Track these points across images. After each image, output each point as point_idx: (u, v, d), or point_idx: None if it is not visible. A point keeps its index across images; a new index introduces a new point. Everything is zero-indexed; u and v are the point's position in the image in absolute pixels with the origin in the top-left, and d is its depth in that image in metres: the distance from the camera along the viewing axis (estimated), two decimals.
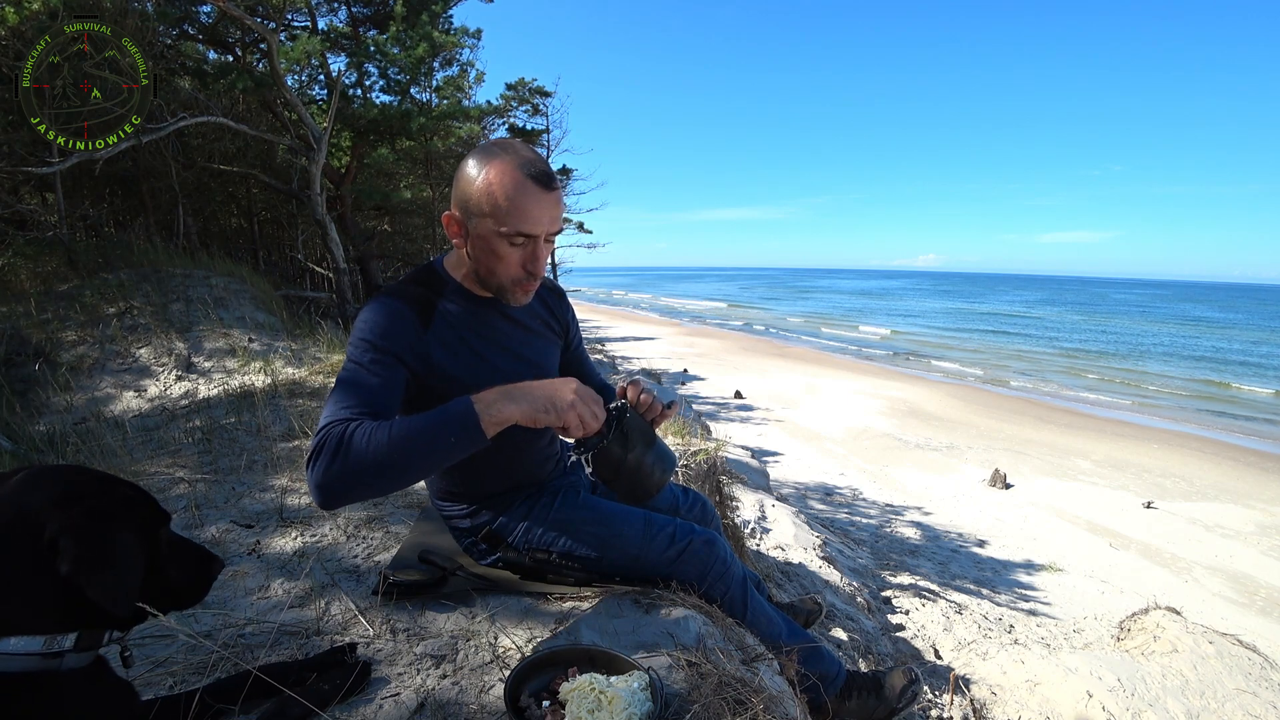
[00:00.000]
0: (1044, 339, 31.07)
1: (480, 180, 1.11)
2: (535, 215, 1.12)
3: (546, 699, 0.99)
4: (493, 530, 1.38)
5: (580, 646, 1.11)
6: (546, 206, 1.13)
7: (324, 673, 1.08)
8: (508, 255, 1.15)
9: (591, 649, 1.09)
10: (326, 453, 0.95)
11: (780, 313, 44.85)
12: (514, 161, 1.11)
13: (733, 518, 3.29)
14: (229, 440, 2.59)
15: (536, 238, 1.15)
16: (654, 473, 1.19)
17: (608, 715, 0.92)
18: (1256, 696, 2.48)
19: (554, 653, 1.09)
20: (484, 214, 1.12)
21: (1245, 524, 7.42)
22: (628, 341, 22.89)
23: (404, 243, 12.98)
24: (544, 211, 1.13)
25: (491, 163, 1.11)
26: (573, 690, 0.97)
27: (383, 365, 1.10)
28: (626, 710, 0.92)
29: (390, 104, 8.28)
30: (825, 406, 12.86)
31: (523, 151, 1.13)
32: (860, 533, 6.07)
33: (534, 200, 1.11)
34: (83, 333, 3.98)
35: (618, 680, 0.99)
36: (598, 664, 1.06)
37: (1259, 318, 51.19)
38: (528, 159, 1.12)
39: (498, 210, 1.11)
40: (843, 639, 2.73)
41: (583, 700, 0.95)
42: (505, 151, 1.12)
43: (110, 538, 0.77)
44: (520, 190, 1.10)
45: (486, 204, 1.11)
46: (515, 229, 1.11)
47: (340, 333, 5.43)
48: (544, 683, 1.03)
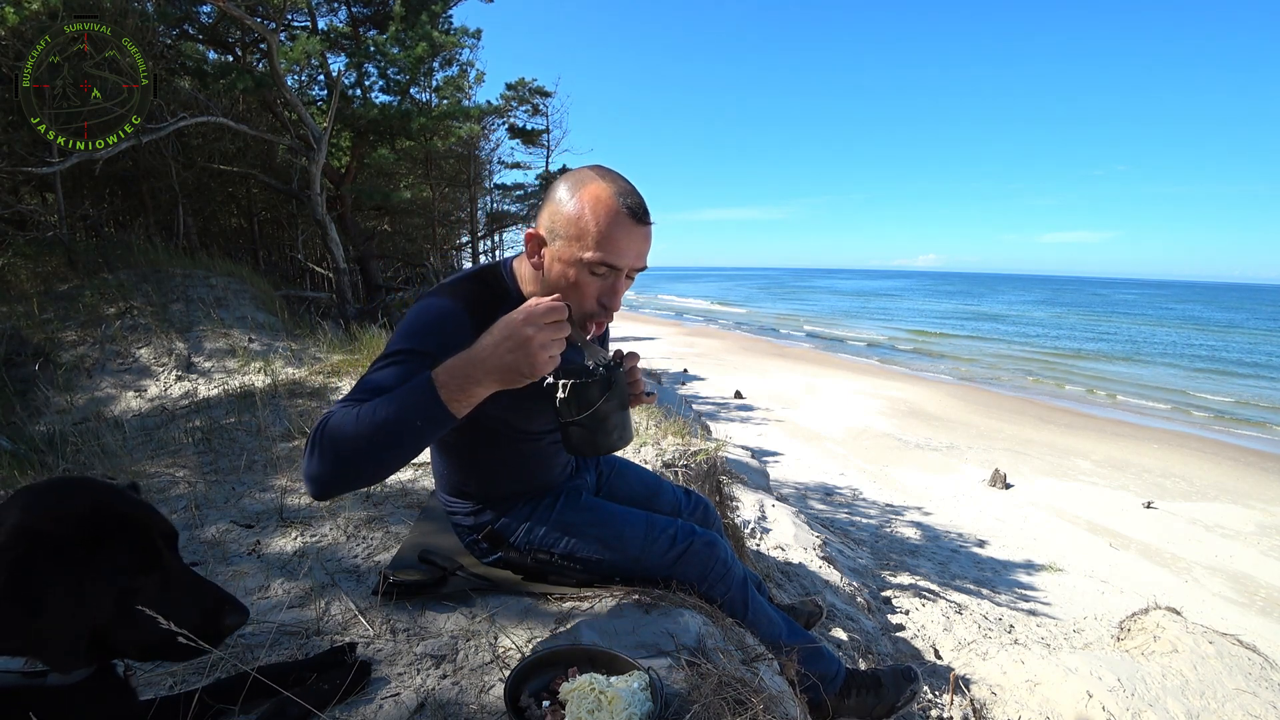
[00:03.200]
0: (1044, 339, 31.07)
1: (573, 204, 1.07)
2: (624, 248, 1.08)
3: (546, 699, 0.99)
4: (495, 530, 1.38)
5: (580, 647, 1.11)
6: (636, 241, 1.09)
7: (324, 673, 1.07)
8: (586, 285, 1.10)
9: (592, 649, 1.09)
10: (312, 444, 0.92)
11: (780, 312, 44.86)
12: (611, 190, 1.07)
13: (733, 518, 3.29)
14: (229, 440, 2.59)
15: (620, 271, 1.10)
16: (612, 432, 1.17)
17: (608, 715, 0.92)
18: (1256, 696, 2.48)
19: (554, 652, 1.08)
20: (571, 238, 1.08)
21: (1245, 524, 7.42)
22: (628, 341, 22.89)
23: (404, 242, 12.99)
24: (633, 246, 1.09)
25: (587, 187, 1.07)
26: (573, 690, 0.97)
27: (408, 366, 1.03)
28: (626, 710, 0.92)
29: (390, 104, 8.28)
30: (825, 406, 12.86)
31: (620, 182, 1.10)
32: (860, 533, 6.07)
33: (625, 232, 1.07)
34: (83, 333, 3.98)
35: (618, 680, 0.99)
36: (598, 664, 1.06)
37: (1259, 319, 51.19)
38: (625, 189, 1.09)
39: (586, 236, 1.06)
40: (843, 639, 2.72)
41: (582, 700, 0.94)
42: (603, 179, 1.09)
43: (40, 584, 0.68)
44: (614, 221, 1.06)
45: (575, 229, 1.07)
46: (601, 259, 1.07)
47: (340, 333, 5.42)
48: (544, 683, 1.03)
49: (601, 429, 1.16)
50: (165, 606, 0.77)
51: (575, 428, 1.16)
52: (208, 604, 0.81)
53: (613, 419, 1.17)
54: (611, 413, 1.16)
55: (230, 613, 0.82)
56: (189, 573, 0.83)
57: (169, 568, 0.80)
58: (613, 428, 1.18)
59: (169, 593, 0.79)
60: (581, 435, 1.17)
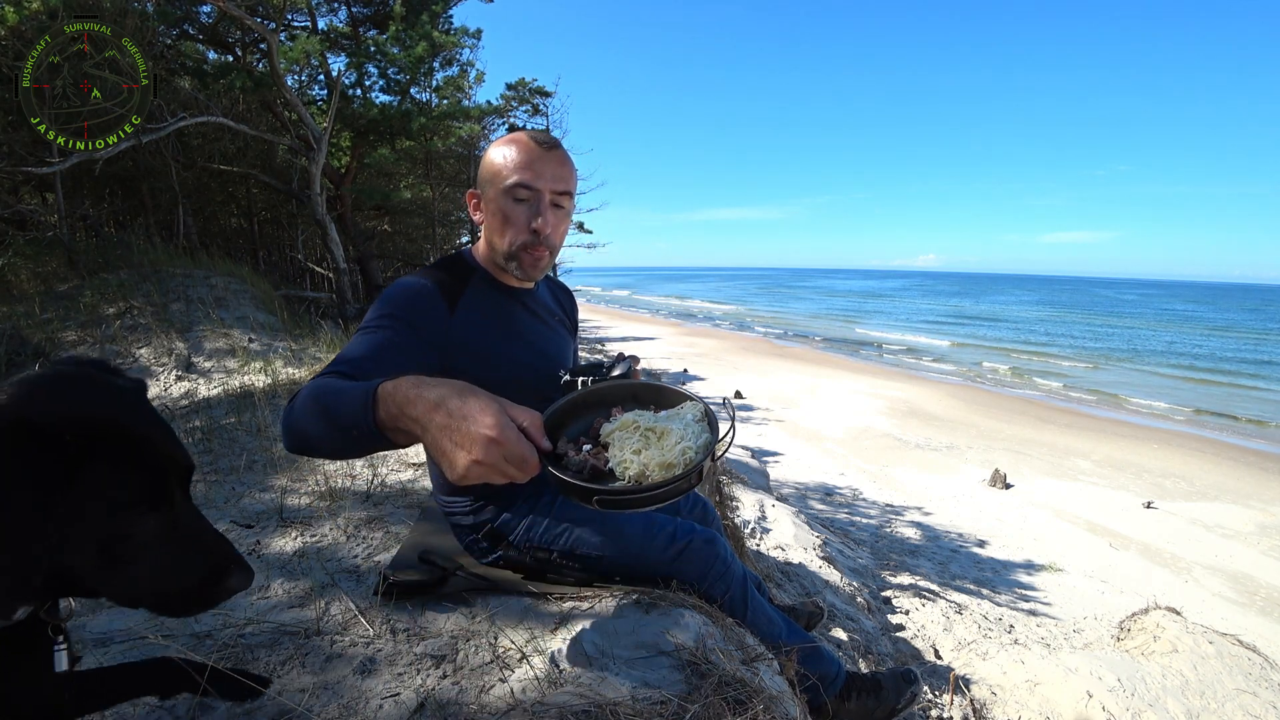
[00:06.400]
0: (1043, 339, 31.06)
1: (490, 153, 1.24)
2: (538, 169, 1.19)
3: (587, 443, 0.87)
4: (494, 528, 1.38)
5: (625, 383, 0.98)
6: (550, 164, 1.21)
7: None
8: (513, 213, 1.21)
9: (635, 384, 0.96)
10: (289, 405, 0.91)
11: (780, 312, 44.85)
12: (520, 132, 1.24)
13: (733, 518, 3.29)
14: (229, 440, 2.59)
15: (539, 192, 1.20)
16: None
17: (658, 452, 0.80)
18: (1256, 696, 2.48)
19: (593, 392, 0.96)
20: (492, 180, 1.22)
21: (1245, 524, 7.41)
22: (628, 341, 22.88)
23: (404, 243, 12.98)
24: (547, 168, 1.20)
25: (502, 139, 1.25)
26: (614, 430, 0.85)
27: (390, 329, 1.09)
28: (680, 444, 0.80)
29: (390, 104, 8.28)
30: (825, 406, 12.85)
31: (534, 129, 1.27)
32: (860, 533, 6.07)
33: (536, 156, 1.20)
34: (83, 333, 3.98)
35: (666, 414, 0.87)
36: (642, 400, 0.94)
37: (1260, 319, 51.15)
38: (534, 131, 1.24)
39: (503, 170, 1.20)
40: (843, 639, 2.72)
41: (627, 440, 0.82)
42: (518, 130, 1.27)
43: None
44: (522, 149, 1.20)
45: (493, 170, 1.21)
46: (518, 180, 1.18)
47: (340, 333, 5.42)
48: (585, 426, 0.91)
49: None
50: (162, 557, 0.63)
51: None
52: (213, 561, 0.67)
53: None
54: None
55: (237, 573, 0.68)
56: (198, 519, 0.68)
57: (177, 511, 0.65)
58: None
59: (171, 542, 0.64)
60: None
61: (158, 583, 0.64)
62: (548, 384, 1.29)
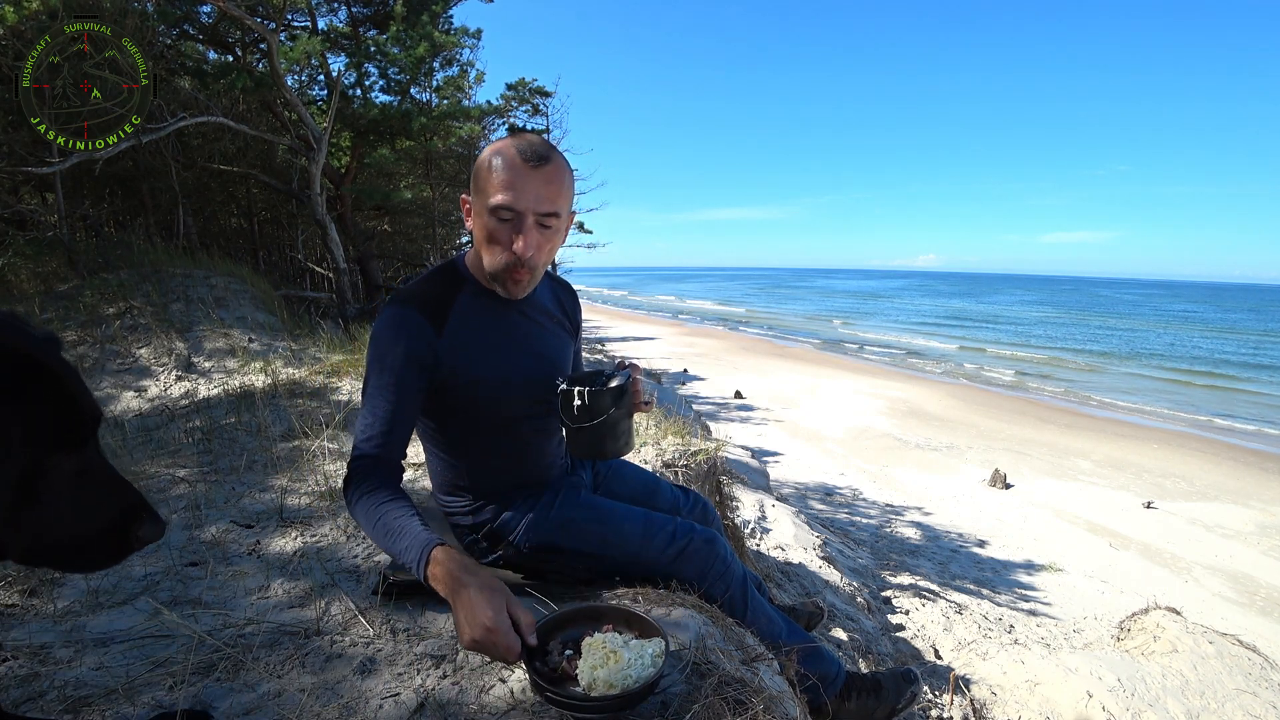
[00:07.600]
0: (1043, 339, 31.05)
1: (481, 159, 1.16)
2: (520, 189, 1.11)
3: (570, 649, 1.04)
4: (494, 528, 1.38)
5: (620, 607, 1.15)
6: (534, 184, 1.12)
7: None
8: (497, 233, 1.15)
9: (629, 610, 1.12)
10: (348, 492, 1.13)
11: (780, 312, 44.86)
12: (510, 140, 1.15)
13: (733, 518, 3.29)
14: (229, 440, 2.59)
15: (521, 214, 1.13)
16: (619, 438, 1.26)
17: (609, 672, 0.97)
18: (1256, 696, 2.48)
19: (594, 608, 1.14)
20: (480, 190, 1.15)
21: (1245, 524, 7.41)
22: (628, 341, 22.88)
23: (404, 243, 12.97)
24: (530, 188, 1.11)
25: (494, 144, 1.16)
26: (591, 644, 1.02)
27: (392, 388, 1.16)
28: (625, 670, 0.97)
29: (390, 104, 8.27)
30: (825, 406, 12.85)
31: (527, 136, 1.16)
32: (860, 533, 6.07)
33: (519, 175, 1.11)
34: (83, 333, 3.98)
35: (636, 643, 1.03)
36: (632, 626, 1.10)
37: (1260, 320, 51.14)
38: (526, 140, 1.15)
39: (488, 185, 1.13)
40: (843, 639, 2.72)
41: (594, 654, 1.00)
42: (511, 135, 1.18)
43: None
44: (507, 165, 1.11)
45: (480, 180, 1.15)
46: (500, 202, 1.12)
47: (340, 333, 5.42)
48: (577, 634, 1.07)
49: (610, 435, 1.23)
50: (74, 500, 0.62)
51: (584, 432, 1.22)
52: (124, 506, 0.67)
53: (620, 426, 1.25)
54: (620, 420, 1.24)
55: (147, 522, 0.68)
56: (108, 466, 0.69)
57: (88, 454, 0.65)
58: (620, 434, 1.25)
59: (83, 485, 0.63)
60: (589, 440, 1.23)
61: (69, 527, 0.62)
62: (544, 389, 1.29)
